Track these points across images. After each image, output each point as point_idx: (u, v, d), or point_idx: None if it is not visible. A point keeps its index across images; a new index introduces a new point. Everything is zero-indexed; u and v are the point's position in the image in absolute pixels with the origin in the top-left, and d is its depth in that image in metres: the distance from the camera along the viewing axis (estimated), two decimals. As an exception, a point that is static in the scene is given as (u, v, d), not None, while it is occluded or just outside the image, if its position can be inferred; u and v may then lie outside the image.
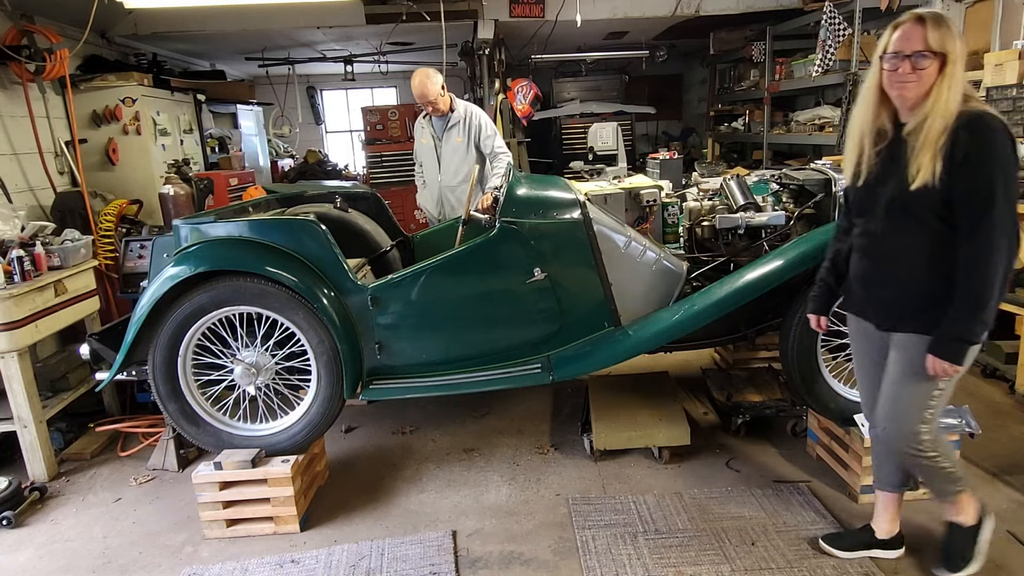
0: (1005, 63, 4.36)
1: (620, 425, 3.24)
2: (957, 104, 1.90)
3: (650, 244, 3.25)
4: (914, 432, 2.14)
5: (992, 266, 1.90)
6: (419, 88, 4.12)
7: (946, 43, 1.90)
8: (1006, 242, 1.90)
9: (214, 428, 3.01)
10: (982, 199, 1.89)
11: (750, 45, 7.61)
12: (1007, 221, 1.89)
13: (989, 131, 1.88)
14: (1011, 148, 1.91)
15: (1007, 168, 1.89)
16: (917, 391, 2.12)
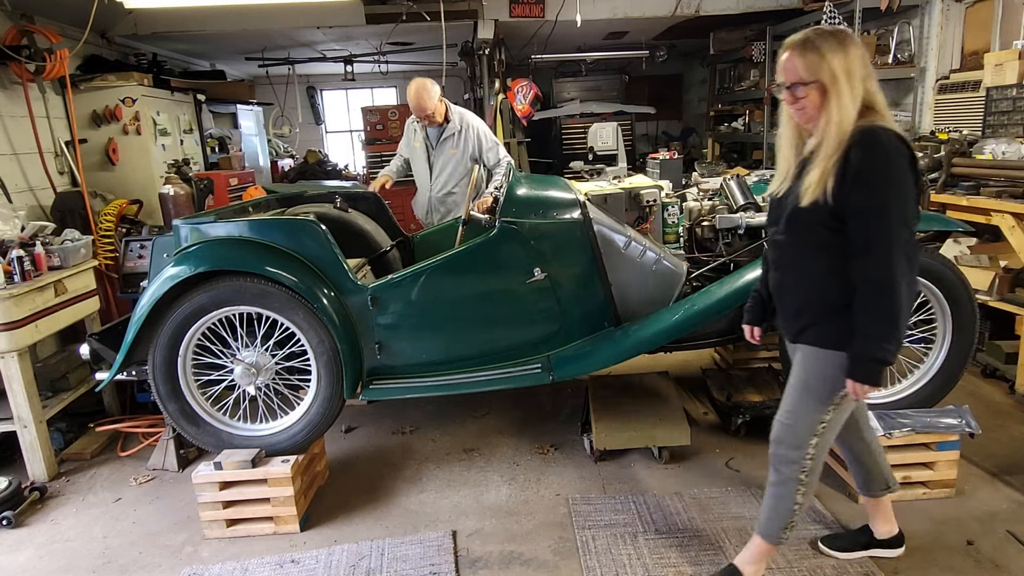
0: (1005, 63, 4.37)
1: (620, 425, 3.24)
2: (849, 122, 1.86)
3: (650, 244, 3.25)
4: (803, 443, 2.10)
5: (895, 283, 1.85)
6: (416, 101, 4.04)
7: (818, 69, 1.88)
8: (905, 258, 1.85)
9: (214, 428, 3.01)
10: (875, 215, 1.85)
11: (750, 45, 7.60)
12: (903, 237, 1.86)
13: (879, 147, 1.84)
14: (905, 163, 1.86)
15: (899, 184, 1.85)
16: (810, 404, 2.09)
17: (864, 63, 1.89)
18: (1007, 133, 4.26)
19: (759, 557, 2.27)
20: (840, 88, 1.87)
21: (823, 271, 1.99)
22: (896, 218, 1.84)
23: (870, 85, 1.90)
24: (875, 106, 1.90)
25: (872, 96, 1.90)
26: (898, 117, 5.91)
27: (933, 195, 4.10)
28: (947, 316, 2.94)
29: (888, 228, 1.84)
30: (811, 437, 2.10)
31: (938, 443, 2.78)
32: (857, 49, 1.88)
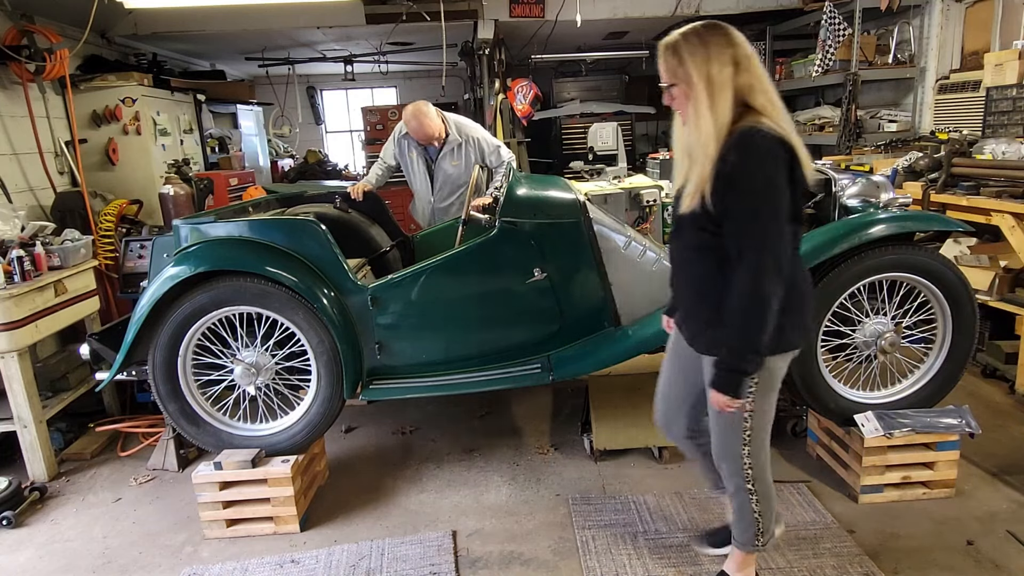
0: (1005, 63, 4.37)
1: (620, 425, 3.24)
2: (712, 126, 1.80)
3: (650, 244, 3.25)
4: (738, 452, 2.08)
5: (759, 291, 1.79)
6: (421, 131, 3.94)
7: (678, 71, 1.85)
8: (773, 263, 1.79)
9: (214, 428, 3.01)
10: (746, 219, 1.80)
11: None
12: (772, 242, 1.80)
13: (752, 149, 1.77)
14: (780, 165, 1.79)
15: (772, 188, 1.79)
16: (727, 415, 2.03)
17: (734, 62, 1.81)
18: (1007, 133, 4.26)
19: (742, 565, 2.28)
20: (697, 93, 1.82)
21: (707, 275, 1.95)
22: (767, 223, 1.79)
23: (745, 85, 1.82)
24: (755, 106, 1.83)
25: (749, 95, 1.83)
26: (897, 117, 5.91)
27: (933, 195, 4.10)
28: (947, 316, 2.93)
29: (758, 234, 1.79)
30: (741, 447, 2.08)
31: (938, 443, 2.78)
32: (723, 49, 1.81)
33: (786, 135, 1.81)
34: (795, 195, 1.86)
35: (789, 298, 1.87)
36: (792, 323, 1.94)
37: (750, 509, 2.14)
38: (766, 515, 2.16)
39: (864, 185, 3.23)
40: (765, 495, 2.14)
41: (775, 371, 2.01)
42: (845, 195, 3.25)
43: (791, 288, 1.89)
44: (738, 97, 1.83)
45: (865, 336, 2.97)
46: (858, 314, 2.97)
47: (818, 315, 2.90)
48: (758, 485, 2.12)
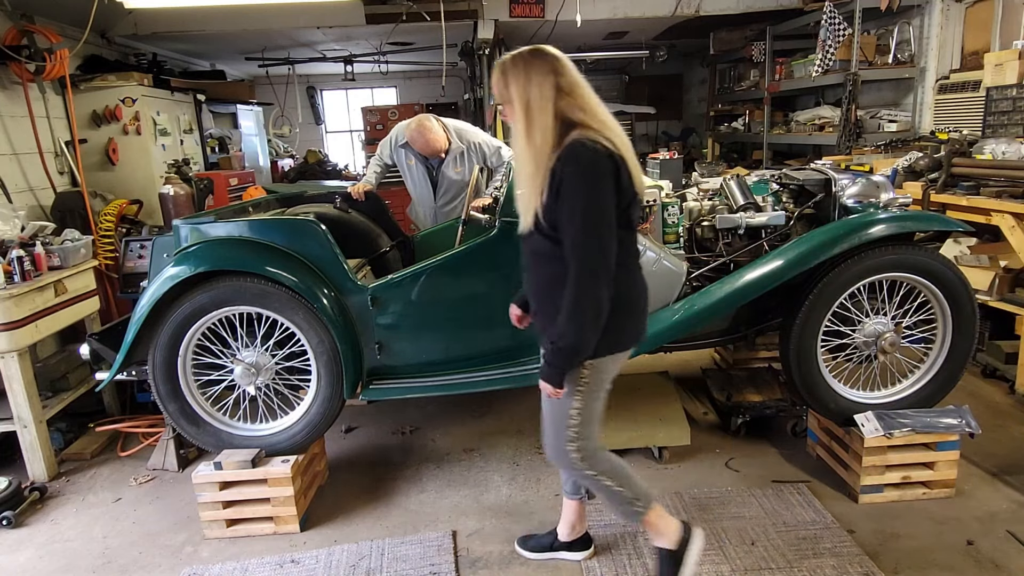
0: (1005, 63, 4.37)
1: (620, 425, 3.24)
2: (533, 143, 1.89)
3: (650, 244, 3.24)
4: (564, 449, 2.15)
5: (585, 294, 1.90)
6: (428, 148, 3.95)
7: (504, 93, 1.95)
8: (599, 270, 1.89)
9: (214, 428, 3.01)
10: (575, 228, 1.88)
11: (750, 45, 7.61)
12: (591, 251, 1.88)
13: (574, 160, 1.86)
14: (604, 175, 1.88)
15: (591, 196, 1.87)
16: (554, 408, 2.14)
17: (555, 87, 1.90)
18: (1007, 133, 4.26)
19: (656, 528, 2.24)
20: (517, 114, 1.93)
21: (549, 278, 2.02)
22: (588, 232, 1.88)
23: (567, 107, 1.91)
24: (579, 121, 1.91)
25: (569, 114, 1.91)
26: (897, 117, 5.91)
27: (933, 195, 4.10)
28: (947, 316, 2.93)
29: (586, 241, 1.88)
30: (567, 444, 2.14)
31: (938, 443, 2.78)
32: (544, 76, 1.89)
33: (613, 147, 1.91)
34: (624, 204, 1.95)
35: (621, 303, 1.99)
36: (623, 326, 2.05)
37: (607, 486, 2.19)
38: (626, 484, 2.20)
39: (864, 185, 3.23)
40: (613, 470, 2.20)
41: (604, 372, 2.10)
42: (845, 195, 3.25)
43: (623, 293, 2.00)
44: (562, 117, 1.92)
45: (865, 336, 2.97)
46: (858, 314, 2.97)
47: (818, 315, 2.90)
48: (600, 466, 2.18)
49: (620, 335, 2.07)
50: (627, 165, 1.94)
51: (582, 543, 2.55)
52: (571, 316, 1.92)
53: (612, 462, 2.22)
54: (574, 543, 2.54)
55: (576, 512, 2.53)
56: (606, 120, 1.96)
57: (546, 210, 1.93)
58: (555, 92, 1.90)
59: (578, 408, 2.10)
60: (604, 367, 2.09)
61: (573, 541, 2.54)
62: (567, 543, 2.54)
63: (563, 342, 1.95)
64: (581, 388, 2.08)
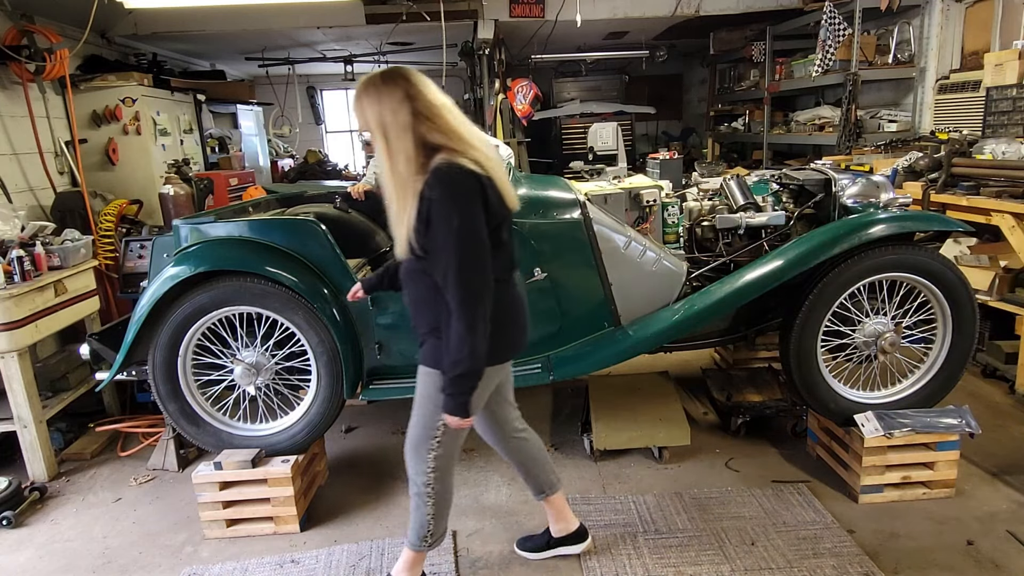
0: (1005, 63, 4.37)
1: (620, 425, 3.24)
2: (394, 169, 1.88)
3: (650, 244, 3.25)
4: (423, 453, 2.16)
5: (463, 320, 1.87)
6: None
7: (359, 118, 1.92)
8: (472, 297, 1.87)
9: (214, 428, 3.01)
10: (444, 251, 1.87)
11: (750, 45, 7.61)
12: (469, 275, 1.87)
13: (440, 185, 1.84)
14: (470, 195, 1.86)
15: (462, 219, 1.85)
16: (423, 420, 2.16)
17: (412, 112, 1.86)
18: (1007, 133, 4.26)
19: (409, 565, 2.33)
20: (376, 141, 1.90)
21: (424, 295, 2.02)
22: (462, 253, 1.86)
23: (424, 129, 1.88)
24: (441, 144, 1.89)
25: (430, 138, 1.88)
26: (897, 117, 5.91)
27: (933, 195, 4.10)
28: (947, 316, 2.94)
29: (457, 267, 1.86)
30: (428, 453, 2.15)
31: (938, 443, 2.78)
32: (394, 98, 1.86)
33: (480, 168, 1.89)
34: (493, 224, 1.94)
35: (495, 317, 1.97)
36: (498, 340, 2.03)
37: (425, 512, 2.23)
38: (437, 519, 2.25)
39: (864, 185, 3.23)
40: (440, 500, 2.23)
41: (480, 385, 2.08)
42: (845, 195, 3.26)
43: (497, 308, 1.98)
44: (423, 141, 1.89)
45: (865, 336, 2.97)
46: (858, 314, 2.97)
47: (818, 315, 2.90)
48: (437, 487, 2.21)
49: (496, 349, 2.05)
50: (495, 184, 1.93)
51: (577, 536, 2.54)
52: (463, 343, 1.89)
53: (447, 493, 2.25)
54: (568, 537, 2.54)
55: (557, 507, 2.53)
56: (471, 140, 1.92)
57: (417, 235, 1.91)
58: (412, 118, 1.87)
59: (443, 421, 2.09)
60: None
61: (567, 536, 2.54)
62: (561, 538, 2.54)
63: (460, 369, 1.91)
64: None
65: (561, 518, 2.54)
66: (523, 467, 2.48)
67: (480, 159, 1.91)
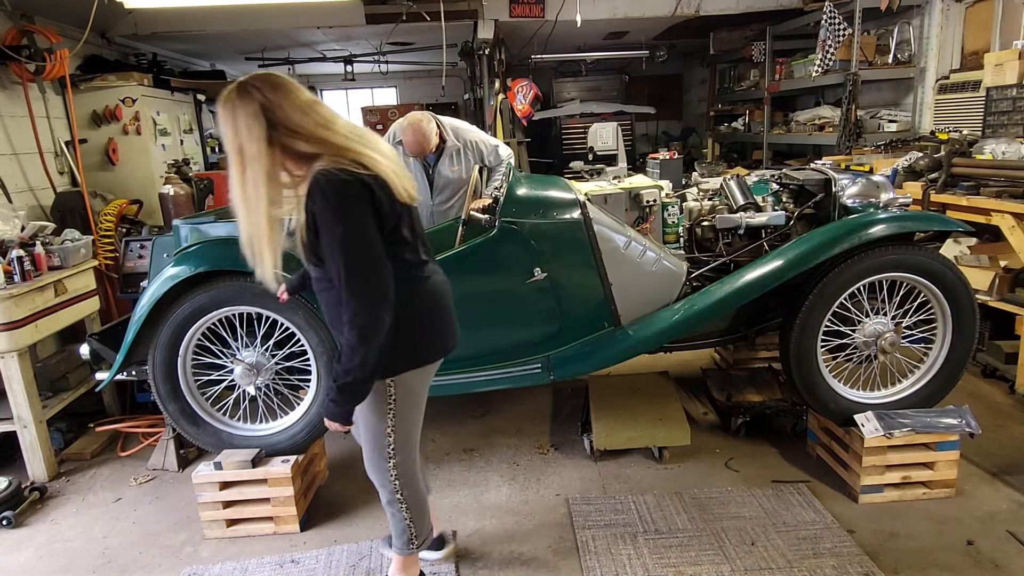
0: (1005, 63, 4.37)
1: (620, 425, 3.24)
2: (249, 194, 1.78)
3: (650, 244, 3.25)
4: (383, 466, 2.15)
5: (355, 329, 1.82)
6: (416, 147, 3.81)
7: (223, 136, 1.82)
8: (364, 306, 1.82)
9: (214, 428, 3.01)
10: (335, 263, 1.82)
11: (750, 45, 7.61)
12: (359, 283, 1.82)
13: (318, 192, 1.78)
14: (351, 200, 1.80)
15: (347, 226, 1.79)
16: (369, 428, 2.11)
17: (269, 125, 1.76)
18: (1007, 133, 4.26)
19: (404, 567, 2.32)
20: (232, 160, 1.80)
21: (335, 299, 1.94)
22: (353, 264, 1.81)
23: (289, 141, 1.79)
24: (316, 152, 1.81)
25: (299, 148, 1.80)
26: (897, 117, 5.91)
27: (933, 195, 4.10)
28: (947, 316, 2.94)
29: (346, 276, 1.81)
30: (386, 462, 2.14)
31: (938, 443, 2.78)
32: (248, 111, 1.75)
33: (363, 169, 1.82)
34: (390, 225, 1.89)
35: (415, 318, 1.96)
36: (422, 341, 2.04)
37: (402, 517, 2.22)
38: (417, 522, 2.25)
39: (864, 185, 3.23)
40: (415, 504, 2.23)
41: (411, 388, 2.09)
42: (845, 195, 3.26)
43: (415, 309, 1.97)
44: (293, 152, 1.81)
45: (865, 336, 2.97)
46: (858, 314, 2.97)
47: (818, 315, 2.90)
48: (407, 493, 2.19)
49: (421, 348, 2.04)
50: (385, 182, 1.86)
51: (437, 543, 2.51)
52: (354, 353, 1.84)
53: (419, 495, 2.24)
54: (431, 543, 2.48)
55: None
56: (350, 140, 1.84)
57: (310, 245, 1.87)
58: (270, 130, 1.76)
59: (391, 426, 2.09)
60: (410, 383, 2.08)
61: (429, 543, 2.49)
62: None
63: (349, 378, 1.86)
64: (391, 406, 2.06)
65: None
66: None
67: (364, 159, 1.83)
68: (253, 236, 1.83)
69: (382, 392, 2.03)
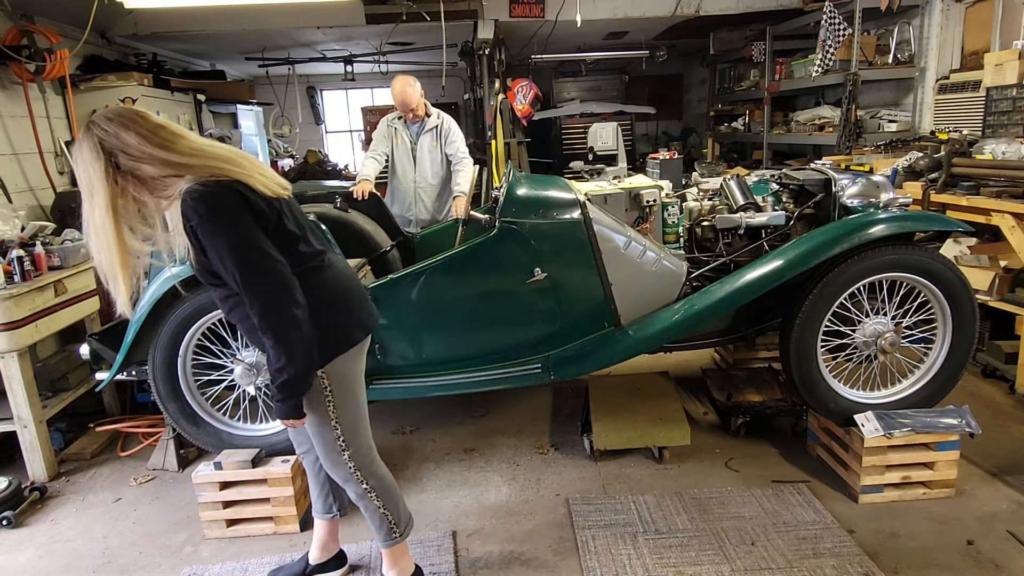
0: (1005, 63, 4.37)
1: (620, 425, 3.24)
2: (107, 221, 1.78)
3: (650, 244, 3.25)
4: (339, 460, 2.14)
5: (269, 331, 1.84)
6: (401, 96, 4.29)
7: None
8: (271, 308, 1.83)
9: (214, 428, 3.01)
10: (230, 274, 1.83)
11: (750, 45, 7.61)
12: (260, 287, 1.83)
13: (193, 211, 1.78)
14: (231, 210, 1.81)
15: (231, 235, 1.80)
16: (313, 425, 2.10)
17: (104, 159, 1.77)
18: (1007, 133, 4.26)
19: (395, 559, 2.31)
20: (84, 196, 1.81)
21: (245, 315, 1.94)
22: (248, 270, 1.82)
23: (132, 163, 1.79)
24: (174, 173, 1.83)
25: (144, 170, 1.81)
26: (897, 117, 5.91)
27: (933, 195, 4.10)
28: (947, 316, 2.94)
29: (245, 284, 1.82)
30: (341, 455, 2.13)
31: (938, 443, 2.78)
32: (87, 147, 1.77)
33: (226, 176, 1.83)
34: (272, 224, 1.90)
35: (324, 305, 1.98)
36: (340, 325, 2.04)
37: (375, 508, 2.22)
38: (392, 508, 2.23)
39: (864, 185, 3.23)
40: (383, 490, 2.21)
41: (344, 374, 2.09)
42: (845, 195, 3.26)
43: (321, 296, 1.97)
44: (145, 177, 1.82)
45: (865, 336, 2.97)
46: (858, 314, 2.98)
47: (818, 315, 2.90)
48: (372, 482, 2.19)
49: (340, 334, 2.05)
50: (248, 184, 1.86)
51: (336, 561, 2.51)
52: (278, 355, 1.86)
53: (385, 479, 2.23)
54: (328, 563, 2.48)
55: (328, 531, 2.49)
56: (193, 162, 1.84)
57: (202, 266, 1.89)
58: (105, 162, 1.78)
59: (335, 417, 2.08)
60: (341, 370, 2.07)
61: (327, 561, 2.48)
62: (320, 564, 2.48)
63: (285, 376, 1.88)
64: (328, 397, 2.05)
65: (329, 542, 2.50)
66: (324, 482, 2.45)
67: (216, 171, 1.84)
68: (105, 265, 1.84)
69: (316, 387, 2.03)
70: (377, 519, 2.24)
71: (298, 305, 1.88)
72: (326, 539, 2.50)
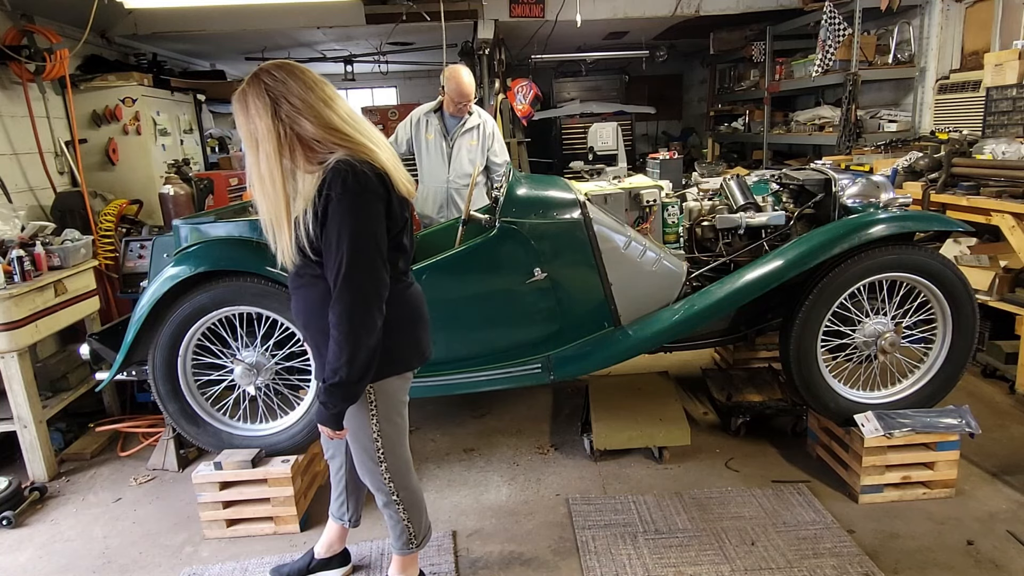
0: (1005, 63, 4.37)
1: (620, 425, 3.24)
2: (275, 175, 1.80)
3: (650, 244, 3.25)
4: (376, 471, 2.14)
5: (344, 325, 1.80)
6: (463, 88, 4.04)
7: (240, 132, 1.85)
8: (362, 305, 1.81)
9: (214, 428, 3.01)
10: (339, 256, 1.79)
11: (750, 45, 7.61)
12: (361, 282, 1.80)
13: (336, 183, 1.77)
14: (366, 196, 1.79)
15: (360, 222, 1.78)
16: (355, 436, 2.11)
17: (271, 111, 1.78)
18: (1007, 133, 4.26)
19: (405, 566, 2.32)
20: (246, 147, 1.83)
21: (319, 299, 1.92)
22: (358, 260, 1.79)
23: (294, 115, 1.79)
24: (334, 143, 1.82)
25: (304, 125, 1.80)
26: (897, 117, 5.91)
27: (933, 195, 4.10)
28: (947, 316, 2.94)
29: (349, 273, 1.79)
30: (378, 466, 2.13)
31: (938, 443, 2.78)
32: (253, 94, 1.79)
33: (381, 168, 1.84)
34: (395, 229, 1.90)
35: (397, 324, 1.96)
36: (401, 347, 2.02)
37: (400, 518, 2.23)
38: (416, 520, 2.25)
39: (864, 185, 3.23)
40: (412, 503, 2.23)
41: (391, 394, 2.08)
42: (845, 195, 3.26)
43: (398, 314, 1.96)
44: (308, 139, 1.82)
45: (865, 336, 2.97)
46: (858, 314, 2.98)
47: (818, 315, 2.90)
48: (402, 494, 2.20)
49: (403, 355, 2.04)
50: (396, 187, 1.86)
51: (340, 559, 2.52)
52: (341, 351, 1.81)
53: (416, 493, 2.25)
54: (332, 560, 2.50)
55: (337, 534, 2.51)
56: (367, 139, 1.85)
57: (312, 238, 1.83)
58: (272, 107, 1.79)
59: (376, 432, 2.08)
60: (390, 389, 2.06)
61: (331, 558, 2.50)
62: (325, 560, 2.50)
63: (337, 378, 1.84)
64: (373, 411, 2.05)
65: (336, 543, 2.51)
66: (355, 491, 2.46)
67: (380, 160, 1.84)
68: (272, 213, 1.84)
69: (363, 398, 2.02)
70: (399, 529, 2.25)
71: (381, 314, 1.86)
72: (333, 540, 2.51)
